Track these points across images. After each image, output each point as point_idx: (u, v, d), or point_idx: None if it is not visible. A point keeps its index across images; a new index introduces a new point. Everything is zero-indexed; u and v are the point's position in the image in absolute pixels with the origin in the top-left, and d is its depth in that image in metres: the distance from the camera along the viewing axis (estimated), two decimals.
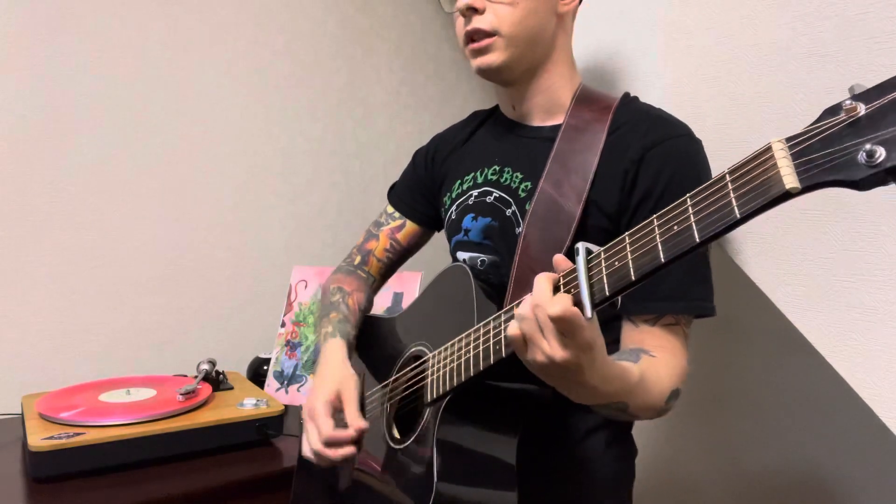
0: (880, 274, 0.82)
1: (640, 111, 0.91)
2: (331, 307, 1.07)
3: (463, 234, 0.99)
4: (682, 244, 0.54)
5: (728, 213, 0.50)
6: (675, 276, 0.82)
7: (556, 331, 0.60)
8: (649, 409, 0.77)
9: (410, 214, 1.14)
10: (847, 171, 0.45)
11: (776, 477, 1.54)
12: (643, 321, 0.84)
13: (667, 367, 0.80)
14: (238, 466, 1.16)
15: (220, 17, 1.65)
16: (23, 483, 1.07)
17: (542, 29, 0.91)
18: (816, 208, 0.88)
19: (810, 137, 0.47)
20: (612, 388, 0.68)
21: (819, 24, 0.86)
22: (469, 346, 0.76)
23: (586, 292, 0.59)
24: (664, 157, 0.84)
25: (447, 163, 1.09)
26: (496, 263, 0.94)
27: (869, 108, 0.44)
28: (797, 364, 1.48)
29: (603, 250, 0.61)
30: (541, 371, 0.64)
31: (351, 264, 1.17)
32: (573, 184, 0.87)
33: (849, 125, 0.45)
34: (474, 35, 0.89)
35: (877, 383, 0.83)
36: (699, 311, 0.85)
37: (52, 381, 1.41)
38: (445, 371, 0.80)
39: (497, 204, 0.95)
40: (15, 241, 1.43)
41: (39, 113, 1.44)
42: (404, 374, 0.93)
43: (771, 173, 0.48)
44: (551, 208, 0.87)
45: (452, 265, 0.93)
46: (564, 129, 0.92)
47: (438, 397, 0.81)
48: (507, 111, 1.03)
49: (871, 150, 0.43)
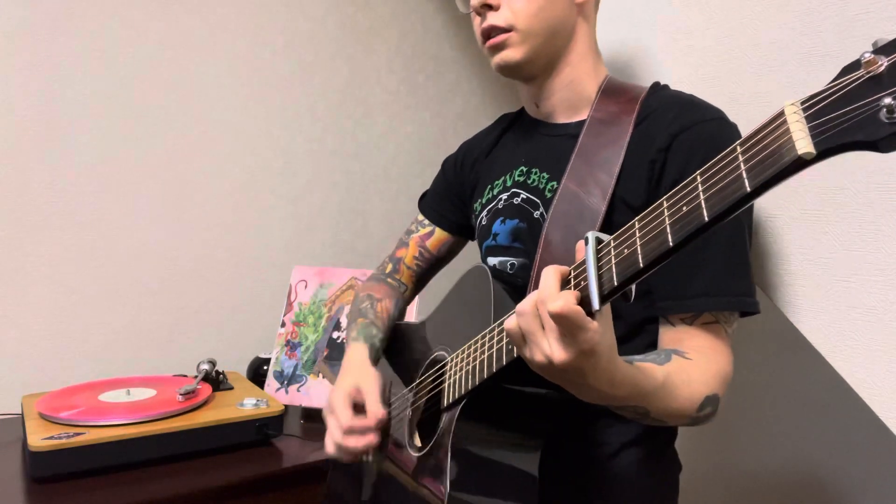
0: (880, 274, 0.82)
1: (669, 98, 0.87)
2: (358, 313, 1.06)
3: (492, 238, 0.96)
4: (690, 225, 0.49)
5: (738, 186, 0.46)
6: (713, 269, 0.77)
7: (557, 330, 0.57)
8: (678, 416, 0.70)
9: (440, 222, 1.13)
10: (866, 130, 0.40)
11: (776, 477, 1.54)
12: (680, 320, 0.78)
13: (701, 370, 0.73)
14: (238, 466, 1.16)
15: (220, 17, 1.65)
16: (23, 483, 1.06)
17: (561, 20, 0.88)
18: (816, 208, 0.88)
19: (826, 97, 0.42)
20: (621, 392, 0.63)
21: (819, 24, 0.86)
22: (484, 348, 0.74)
23: (594, 283, 0.55)
24: (693, 142, 0.79)
25: (476, 169, 1.07)
26: (526, 266, 0.90)
27: (891, 59, 0.40)
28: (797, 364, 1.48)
29: (612, 238, 0.57)
30: (540, 370, 0.61)
31: (382, 272, 1.16)
32: (598, 179, 0.83)
33: (868, 80, 0.40)
34: (490, 32, 0.87)
35: (877, 383, 0.83)
36: (741, 307, 0.78)
37: (52, 381, 1.41)
38: (461, 374, 0.78)
39: (524, 205, 0.92)
40: (15, 241, 1.43)
41: (39, 113, 1.43)
42: (425, 380, 0.91)
43: (783, 139, 0.43)
44: (574, 206, 0.83)
45: (473, 267, 0.91)
46: (589, 124, 0.88)
47: (454, 402, 0.79)
48: (530, 110, 1.00)
49: (892, 106, 0.39)
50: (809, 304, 0.89)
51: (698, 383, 0.72)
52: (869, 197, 0.82)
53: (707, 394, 0.72)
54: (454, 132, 2.11)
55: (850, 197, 0.84)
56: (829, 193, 0.86)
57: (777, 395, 1.53)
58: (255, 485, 1.13)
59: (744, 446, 1.62)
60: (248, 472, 1.14)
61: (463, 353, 0.79)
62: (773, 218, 0.93)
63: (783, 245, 0.92)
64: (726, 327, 0.79)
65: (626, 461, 0.86)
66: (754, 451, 1.59)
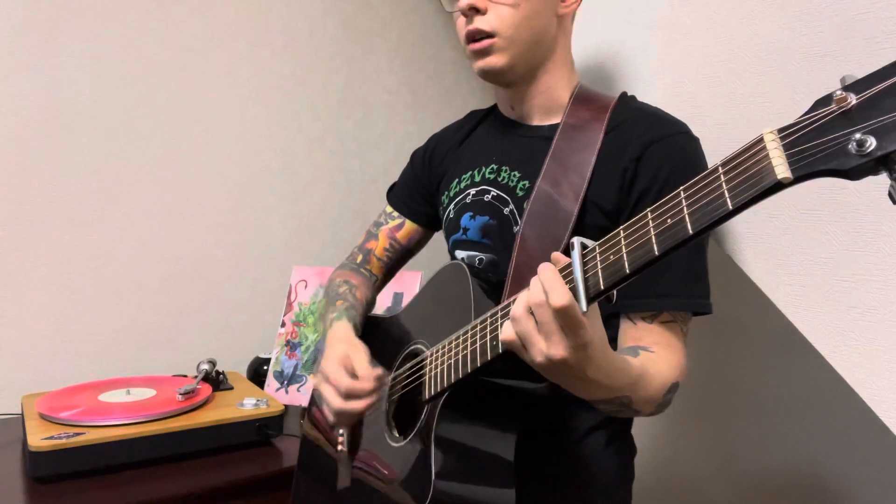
0: (880, 274, 0.82)
1: (639, 110, 0.92)
2: (337, 297, 1.07)
3: (461, 232, 0.99)
4: (675, 236, 0.54)
5: (721, 204, 0.51)
6: (673, 273, 0.83)
7: (557, 328, 0.60)
8: (650, 402, 0.77)
9: (409, 214, 1.14)
10: (838, 160, 0.45)
11: (776, 477, 1.54)
12: (641, 318, 0.84)
13: (666, 361, 0.80)
14: (238, 466, 1.16)
15: (220, 17, 1.65)
16: (23, 483, 1.07)
17: (543, 31, 0.91)
18: (816, 208, 0.88)
19: (802, 128, 0.47)
20: (615, 381, 0.68)
21: (819, 24, 0.86)
22: (466, 343, 0.77)
23: (581, 286, 0.59)
24: (663, 154, 0.84)
25: (445, 162, 1.09)
26: (494, 262, 0.95)
27: (859, 98, 0.45)
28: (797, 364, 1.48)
29: (598, 244, 0.61)
30: (542, 370, 0.64)
31: (353, 262, 1.17)
32: (571, 182, 0.87)
33: (840, 115, 0.45)
34: (475, 35, 0.89)
35: (877, 383, 0.83)
36: (696, 308, 0.85)
37: (52, 381, 1.41)
38: (443, 368, 0.81)
39: (495, 202, 0.95)
40: (15, 241, 1.43)
41: (39, 113, 1.44)
42: (403, 372, 0.93)
43: (763, 164, 0.48)
44: (549, 207, 0.87)
45: (450, 263, 0.93)
46: (562, 129, 0.92)
47: (436, 394, 0.81)
48: (505, 111, 1.03)
49: (861, 140, 0.44)
50: (809, 304, 0.89)
51: (666, 371, 0.79)
52: (869, 197, 0.82)
53: (672, 381, 0.79)
54: None
55: (850, 197, 0.84)
56: (829, 193, 0.86)
57: (777, 395, 1.53)
58: (255, 485, 1.13)
59: (744, 446, 1.62)
60: (248, 472, 1.14)
61: (444, 348, 0.82)
62: (773, 218, 0.93)
63: (783, 245, 0.92)
64: (682, 326, 0.85)
65: (590, 445, 0.92)
66: (754, 451, 1.59)
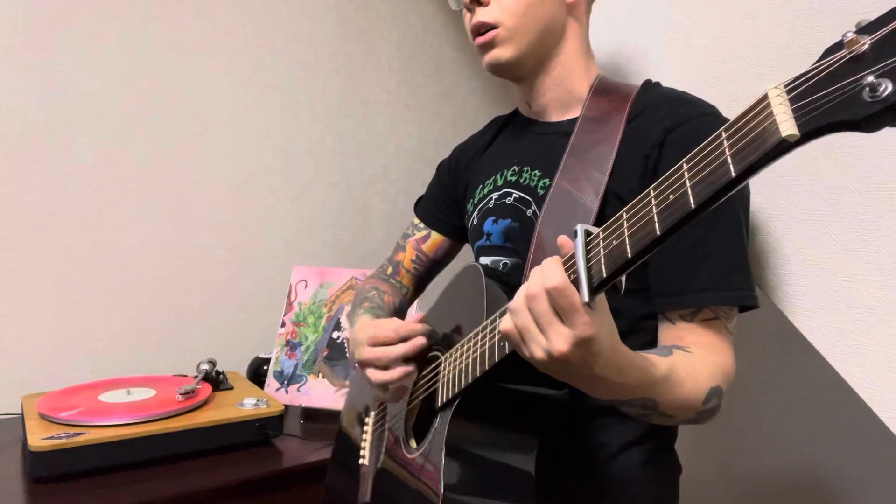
0: (880, 274, 0.82)
1: (661, 95, 0.87)
2: (365, 299, 1.06)
3: (485, 238, 0.96)
4: (677, 212, 0.49)
5: (723, 172, 0.46)
6: (711, 264, 0.76)
7: (553, 320, 0.56)
8: (685, 407, 0.69)
9: (435, 225, 1.13)
10: (849, 110, 0.40)
11: (776, 477, 1.54)
12: (679, 318, 0.78)
13: (704, 362, 0.72)
14: (238, 466, 1.16)
15: (220, 17, 1.65)
16: (23, 483, 1.06)
17: (550, 19, 0.88)
18: (816, 208, 0.88)
19: (809, 79, 0.42)
20: (630, 379, 0.61)
21: (819, 24, 0.86)
22: (476, 346, 0.74)
23: (584, 275, 0.55)
24: (687, 138, 0.78)
25: (469, 171, 1.07)
26: (518, 266, 0.90)
27: (873, 38, 0.39)
28: (797, 364, 1.48)
29: (601, 230, 0.57)
30: (545, 368, 0.60)
31: (384, 273, 1.16)
32: (590, 177, 0.83)
33: (851, 60, 0.40)
34: (480, 28, 0.88)
35: (877, 383, 0.83)
36: (740, 301, 0.77)
37: (52, 381, 1.41)
38: (454, 374, 0.77)
39: (517, 205, 0.92)
40: (15, 241, 1.43)
41: (39, 113, 1.43)
42: (420, 380, 0.90)
43: (767, 122, 0.43)
44: (568, 204, 0.83)
45: (466, 265, 0.90)
46: (581, 122, 0.88)
47: (448, 401, 0.78)
48: (523, 110, 1.01)
49: (874, 84, 0.38)
50: (809, 304, 0.89)
51: (703, 375, 0.71)
52: (869, 197, 0.82)
53: (712, 385, 0.71)
54: (454, 132, 2.11)
55: (850, 197, 0.84)
56: (829, 193, 0.86)
57: (777, 395, 1.53)
58: (255, 485, 1.13)
59: (744, 446, 1.62)
60: (248, 472, 1.14)
61: (456, 353, 0.79)
62: (773, 218, 0.93)
63: (783, 245, 0.92)
64: (727, 323, 0.78)
65: (626, 462, 0.85)
66: (754, 451, 1.59)
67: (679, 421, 0.73)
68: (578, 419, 0.84)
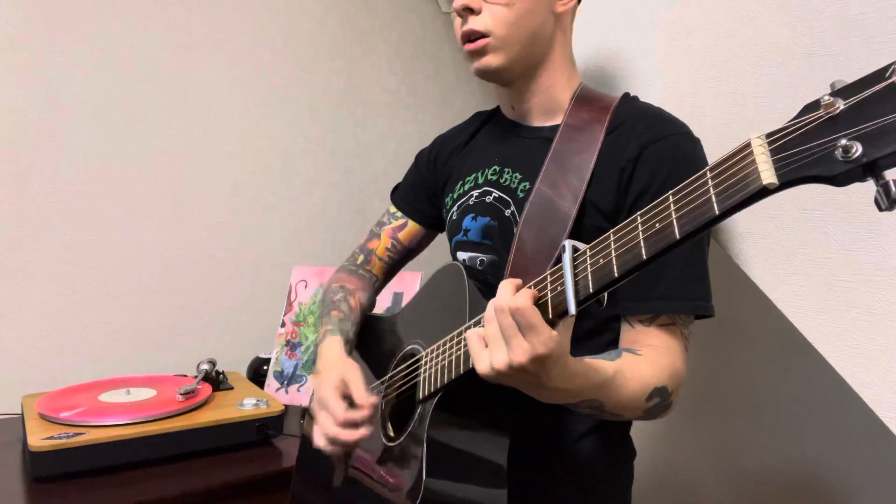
0: (880, 274, 0.82)
1: (639, 110, 0.91)
2: (332, 305, 1.07)
3: (462, 233, 0.99)
4: (662, 241, 0.54)
5: (707, 209, 0.50)
6: (671, 275, 0.82)
7: (516, 334, 0.61)
8: (630, 407, 0.75)
9: (412, 214, 1.14)
10: (824, 166, 0.45)
11: (776, 477, 1.54)
12: (639, 321, 0.83)
13: (651, 364, 0.78)
14: (238, 466, 1.16)
15: (220, 17, 1.65)
16: (23, 483, 1.07)
17: (539, 29, 0.91)
18: (816, 208, 0.88)
19: (789, 133, 0.47)
20: (574, 385, 0.67)
21: (819, 24, 0.86)
22: (460, 345, 0.77)
23: (571, 289, 0.59)
24: (661, 154, 0.83)
25: (449, 164, 1.09)
26: (495, 263, 0.94)
27: (847, 103, 0.44)
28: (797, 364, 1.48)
29: (589, 247, 0.61)
30: (496, 378, 0.65)
31: (353, 263, 1.17)
32: (570, 183, 0.87)
33: (827, 120, 0.45)
34: (470, 35, 0.89)
35: (877, 383, 0.83)
36: (696, 310, 0.84)
37: (52, 381, 1.41)
38: (436, 369, 0.81)
39: (496, 204, 0.95)
40: (15, 241, 1.43)
41: (39, 113, 1.44)
42: (399, 372, 0.93)
43: (749, 169, 0.48)
44: (547, 208, 0.87)
45: (448, 264, 0.93)
46: (562, 130, 0.92)
47: (429, 395, 0.82)
48: (507, 111, 1.04)
49: (847, 146, 0.43)
50: (809, 304, 0.89)
51: (648, 376, 0.76)
52: (869, 197, 0.82)
53: (656, 385, 0.76)
54: None
55: (850, 197, 0.84)
56: (829, 193, 0.86)
57: (777, 395, 1.53)
58: (255, 485, 1.13)
59: (744, 446, 1.62)
60: (248, 472, 1.14)
61: (438, 349, 0.82)
62: (773, 218, 0.93)
63: (783, 245, 0.92)
64: (682, 329, 0.83)
65: (586, 448, 0.91)
66: (754, 451, 1.59)
67: (628, 418, 0.79)
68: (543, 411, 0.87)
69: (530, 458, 0.87)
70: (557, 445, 0.91)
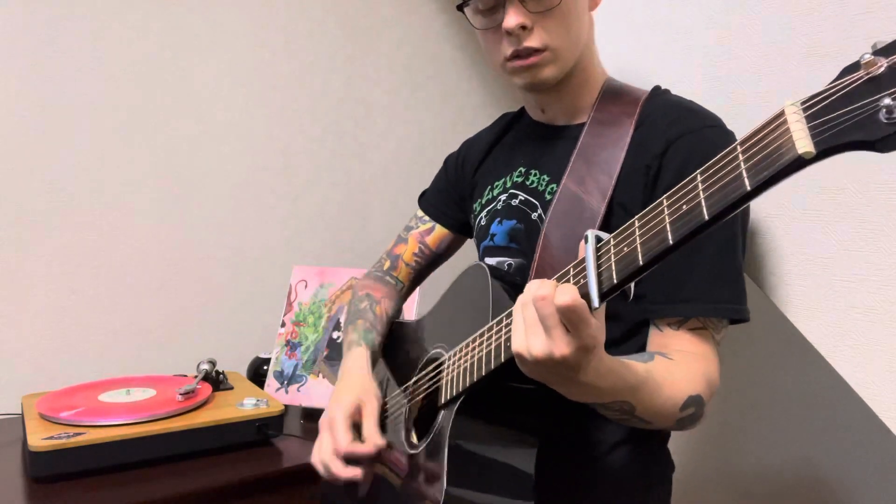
0: (880, 274, 0.82)
1: (669, 103, 0.87)
2: (358, 314, 1.06)
3: (489, 238, 0.96)
4: (690, 223, 0.50)
5: (738, 185, 0.46)
6: (701, 275, 0.77)
7: (560, 324, 0.56)
8: (661, 415, 0.70)
9: (440, 218, 1.13)
10: (865, 130, 0.41)
11: (776, 477, 1.54)
12: (667, 325, 0.79)
13: (684, 370, 0.73)
14: (238, 466, 1.16)
15: (220, 16, 1.65)
16: (23, 483, 1.06)
17: (584, 33, 0.88)
18: (816, 208, 0.88)
19: (826, 97, 0.43)
20: (606, 383, 0.63)
21: (819, 24, 0.86)
22: (482, 346, 0.74)
23: (594, 281, 0.56)
24: (690, 149, 0.79)
25: (476, 169, 1.07)
26: (522, 266, 0.91)
27: (890, 61, 0.40)
28: (797, 364, 1.48)
29: (612, 236, 0.57)
30: (535, 366, 0.60)
31: (380, 269, 1.16)
32: (598, 180, 0.83)
33: (868, 81, 0.41)
34: (524, 52, 0.85)
35: (877, 383, 0.82)
36: (727, 314, 0.79)
37: (52, 381, 1.41)
38: (458, 372, 0.78)
39: (522, 207, 0.92)
40: (15, 241, 1.43)
41: (39, 113, 1.43)
42: (423, 377, 0.91)
43: (783, 139, 0.44)
44: (575, 206, 0.83)
45: (472, 265, 0.90)
46: (589, 125, 0.88)
47: (451, 399, 0.79)
48: (534, 114, 1.00)
49: (891, 106, 0.39)
50: (809, 304, 0.89)
51: (682, 382, 0.71)
52: (869, 197, 0.82)
53: (690, 393, 0.72)
54: (454, 132, 2.11)
55: (850, 197, 0.84)
56: (829, 193, 0.86)
57: (777, 395, 1.53)
58: (255, 485, 1.13)
59: (744, 446, 1.62)
60: (248, 472, 1.14)
61: (460, 351, 0.79)
62: (773, 218, 0.93)
63: (783, 245, 0.92)
64: (714, 333, 0.79)
65: (619, 460, 0.86)
66: (754, 451, 1.59)
67: (658, 426, 0.73)
68: (572, 417, 0.84)
69: (558, 469, 0.83)
70: (587, 455, 0.86)
